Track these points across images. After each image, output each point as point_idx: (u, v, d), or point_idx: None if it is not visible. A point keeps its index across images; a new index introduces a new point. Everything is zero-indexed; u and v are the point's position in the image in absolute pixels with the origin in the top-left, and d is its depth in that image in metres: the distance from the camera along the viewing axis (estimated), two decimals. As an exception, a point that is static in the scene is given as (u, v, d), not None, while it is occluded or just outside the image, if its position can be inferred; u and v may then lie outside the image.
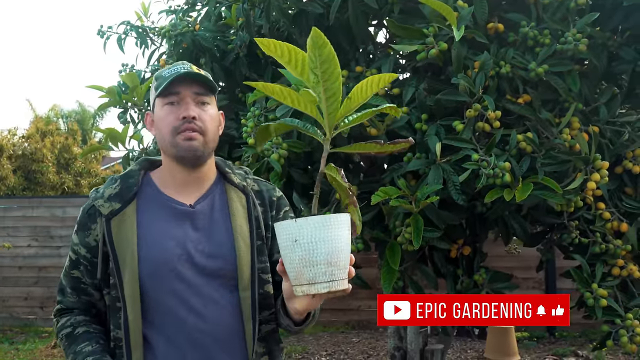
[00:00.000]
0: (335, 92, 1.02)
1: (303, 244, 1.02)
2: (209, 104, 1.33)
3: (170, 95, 1.30)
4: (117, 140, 3.07)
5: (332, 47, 0.99)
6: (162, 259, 1.26)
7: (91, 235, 1.31)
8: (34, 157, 10.10)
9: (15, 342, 5.92)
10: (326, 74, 1.00)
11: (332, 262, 1.02)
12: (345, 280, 1.06)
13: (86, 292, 1.34)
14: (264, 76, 2.93)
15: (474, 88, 2.27)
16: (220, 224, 1.33)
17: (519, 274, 4.89)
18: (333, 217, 1.03)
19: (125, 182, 1.34)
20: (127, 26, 3.51)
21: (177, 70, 1.30)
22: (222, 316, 1.28)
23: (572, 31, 2.33)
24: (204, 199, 1.35)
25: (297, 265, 1.03)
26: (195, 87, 1.31)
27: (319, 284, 1.03)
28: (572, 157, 2.27)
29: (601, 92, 2.61)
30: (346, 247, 1.05)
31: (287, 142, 2.42)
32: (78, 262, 1.32)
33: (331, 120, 1.05)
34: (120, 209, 1.29)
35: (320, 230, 1.02)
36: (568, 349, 5.17)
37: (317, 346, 5.71)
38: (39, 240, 6.77)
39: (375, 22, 2.94)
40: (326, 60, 0.99)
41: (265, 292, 1.33)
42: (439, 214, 2.34)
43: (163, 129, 1.30)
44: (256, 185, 1.42)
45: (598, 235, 2.48)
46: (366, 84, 1.03)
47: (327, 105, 1.04)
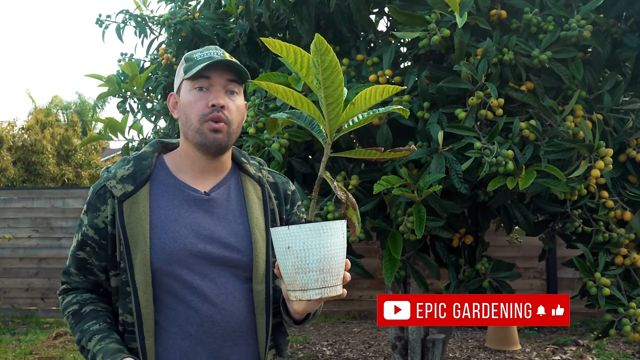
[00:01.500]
0: (336, 99, 1.01)
1: (295, 250, 1.02)
2: (237, 93, 1.30)
3: (200, 79, 1.26)
4: (116, 130, 3.05)
5: (334, 55, 0.97)
6: (175, 246, 1.23)
7: (100, 216, 1.27)
8: (34, 148, 10.08)
9: (17, 333, 5.93)
10: (328, 81, 0.99)
11: (324, 270, 1.02)
12: (338, 287, 1.06)
13: (92, 272, 1.31)
14: (264, 65, 2.91)
15: (477, 75, 2.25)
16: (236, 214, 1.31)
17: (520, 263, 4.90)
18: (326, 225, 1.03)
19: (139, 163, 1.29)
20: (126, 15, 3.48)
21: (210, 55, 1.26)
22: (236, 307, 1.26)
23: (576, 17, 2.30)
24: (219, 187, 1.32)
25: (290, 272, 1.04)
26: (227, 75, 1.27)
27: (311, 290, 1.03)
28: (575, 145, 2.25)
29: (605, 79, 2.59)
30: (340, 254, 1.05)
31: (288, 131, 2.40)
32: (85, 243, 1.29)
33: (332, 125, 1.04)
34: (133, 192, 1.25)
35: (313, 238, 1.02)
36: (569, 339, 5.18)
37: (319, 336, 5.72)
38: (40, 231, 6.77)
39: (376, 10, 2.91)
40: (328, 67, 0.98)
41: (277, 285, 1.32)
42: (441, 203, 2.32)
43: (191, 114, 1.27)
44: (271, 177, 1.40)
45: (601, 223, 2.47)
46: (370, 92, 1.01)
47: (328, 111, 1.03)
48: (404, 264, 2.65)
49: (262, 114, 2.50)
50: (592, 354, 4.73)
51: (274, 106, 2.49)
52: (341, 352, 5.13)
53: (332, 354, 5.10)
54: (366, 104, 1.02)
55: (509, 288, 2.66)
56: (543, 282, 6.04)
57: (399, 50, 2.78)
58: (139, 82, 3.00)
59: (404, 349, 3.33)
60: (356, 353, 5.08)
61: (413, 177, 2.29)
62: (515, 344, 5.01)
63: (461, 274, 2.68)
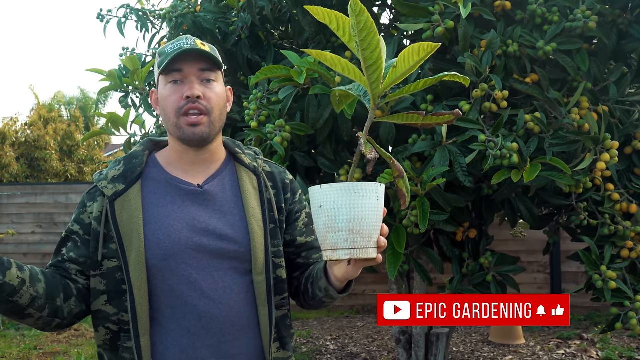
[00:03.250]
0: (375, 61, 0.99)
1: (327, 209, 1.02)
2: (214, 80, 1.27)
3: (173, 73, 1.24)
4: (118, 125, 3.04)
5: (369, 15, 0.95)
6: (169, 242, 1.22)
7: (86, 212, 1.26)
8: (37, 144, 10.09)
9: (21, 328, 5.95)
10: (365, 42, 0.97)
11: (354, 230, 1.01)
12: (370, 250, 1.03)
13: (67, 271, 1.23)
14: (267, 58, 2.89)
15: (481, 67, 2.23)
16: (232, 205, 1.29)
17: (523, 257, 4.85)
18: (357, 185, 1.02)
19: (129, 162, 1.29)
20: (127, 9, 3.46)
21: (179, 46, 1.23)
22: (235, 301, 1.24)
23: (582, 8, 2.27)
24: (212, 179, 1.30)
25: (321, 230, 1.04)
26: (200, 64, 1.24)
27: (340, 250, 1.02)
28: (581, 137, 2.23)
29: (610, 71, 2.57)
30: (371, 216, 1.03)
31: (291, 124, 2.39)
32: (68, 238, 1.27)
33: (374, 89, 1.02)
34: (124, 190, 1.24)
35: (343, 197, 1.01)
36: (573, 332, 5.16)
37: (322, 331, 5.72)
38: (43, 227, 6.78)
39: (379, 2, 2.89)
40: (364, 28, 0.96)
41: (278, 276, 1.30)
42: (445, 196, 2.30)
43: (167, 109, 1.25)
44: (267, 166, 1.38)
45: (607, 216, 2.45)
46: (409, 52, 0.99)
47: (369, 74, 1.00)
48: (408, 258, 2.64)
49: (265, 107, 2.49)
50: (597, 347, 4.72)
51: (276, 99, 2.47)
52: (345, 347, 5.13)
53: (336, 348, 5.10)
54: (406, 64, 0.99)
55: (513, 282, 2.65)
56: (547, 276, 6.02)
57: (402, 43, 2.75)
58: (140, 76, 2.98)
59: (408, 343, 3.32)
60: (360, 347, 5.07)
61: (417, 171, 2.28)
62: (519, 338, 4.99)
63: (465, 268, 2.67)
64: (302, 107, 2.45)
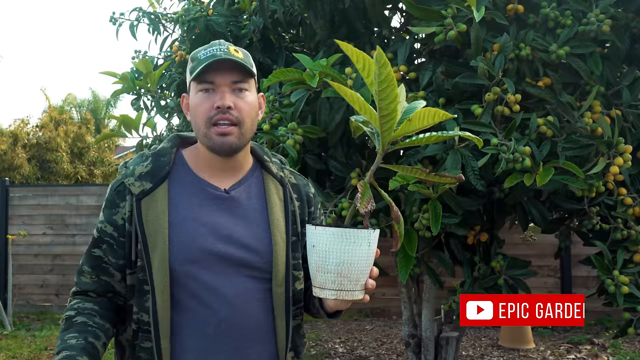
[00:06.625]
0: (390, 113, 1.02)
1: (318, 250, 1.07)
2: (247, 90, 1.25)
3: (204, 82, 1.23)
4: (130, 127, 3.06)
5: (392, 70, 0.98)
6: (194, 247, 1.21)
7: (119, 213, 1.24)
8: (48, 146, 10.16)
9: (32, 329, 5.99)
10: (383, 93, 1.00)
11: (342, 273, 1.06)
12: (356, 292, 1.09)
13: (107, 271, 1.27)
14: (278, 61, 2.90)
15: (493, 71, 2.23)
16: (257, 214, 1.28)
17: (534, 261, 4.83)
18: (349, 232, 1.05)
19: (157, 160, 1.27)
20: (140, 13, 3.49)
21: (212, 53, 1.22)
22: (254, 308, 1.23)
23: (595, 12, 2.27)
24: (239, 185, 1.29)
25: (313, 268, 1.09)
26: (232, 76, 1.23)
27: (327, 290, 1.08)
28: (594, 141, 2.22)
29: (623, 74, 2.55)
30: (361, 261, 1.07)
31: (303, 127, 2.39)
32: (101, 240, 1.26)
33: (385, 137, 1.06)
34: (151, 189, 1.22)
35: (334, 242, 1.05)
36: (584, 337, 5.13)
37: (331, 334, 5.72)
38: (54, 228, 6.82)
39: (390, 5, 2.89)
40: (384, 80, 0.99)
41: (296, 288, 1.30)
42: (457, 199, 2.30)
43: (197, 118, 1.23)
44: (293, 177, 1.37)
45: (619, 221, 2.44)
46: (425, 113, 1.03)
47: (381, 123, 1.04)
48: (418, 261, 2.64)
49: (277, 110, 2.49)
50: (608, 352, 4.68)
51: (288, 102, 2.48)
52: (354, 350, 5.12)
53: (345, 351, 5.09)
54: (420, 123, 1.04)
55: (525, 286, 2.64)
56: (557, 280, 5.99)
57: (414, 47, 2.76)
58: (152, 79, 3.01)
59: (417, 347, 3.31)
60: (369, 350, 5.07)
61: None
62: (529, 343, 4.97)
63: (476, 272, 2.66)
64: (314, 110, 2.46)
